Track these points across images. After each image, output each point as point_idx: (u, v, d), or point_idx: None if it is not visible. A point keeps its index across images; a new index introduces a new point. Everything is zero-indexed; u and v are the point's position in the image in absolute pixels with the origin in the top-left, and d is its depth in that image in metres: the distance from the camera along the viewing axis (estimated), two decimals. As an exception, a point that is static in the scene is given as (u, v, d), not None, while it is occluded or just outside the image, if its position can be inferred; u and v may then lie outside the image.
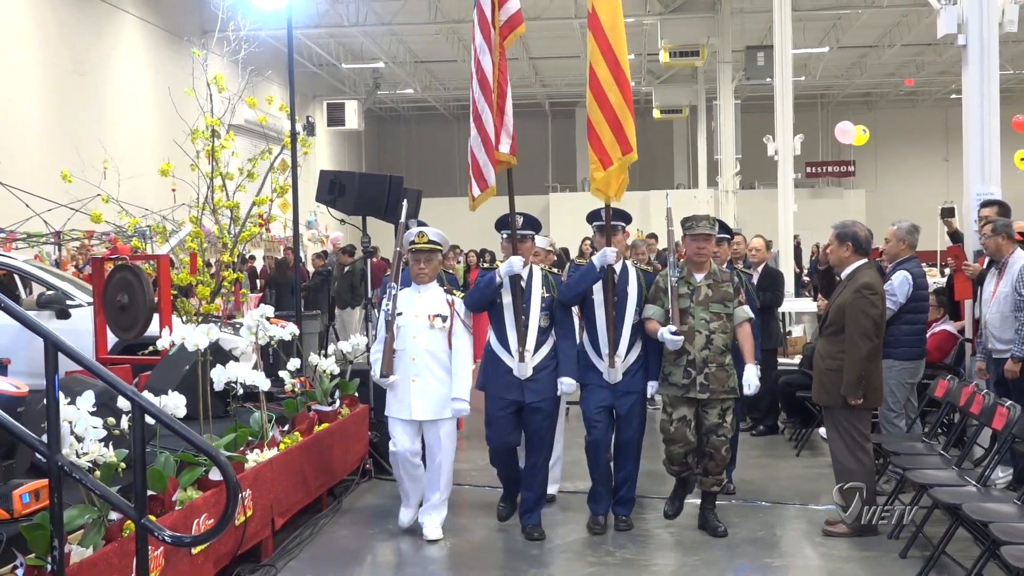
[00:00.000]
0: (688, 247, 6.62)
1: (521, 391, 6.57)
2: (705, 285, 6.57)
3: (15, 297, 10.20)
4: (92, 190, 9.90)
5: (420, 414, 6.50)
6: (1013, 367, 7.00)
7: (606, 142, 6.78)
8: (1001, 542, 4.82)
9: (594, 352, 6.71)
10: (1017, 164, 24.30)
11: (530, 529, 6.61)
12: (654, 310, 6.62)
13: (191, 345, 6.07)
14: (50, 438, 4.09)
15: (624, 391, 6.66)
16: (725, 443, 6.55)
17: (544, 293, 6.66)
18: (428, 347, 6.50)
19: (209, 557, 5.36)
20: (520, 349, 6.53)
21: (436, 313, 6.53)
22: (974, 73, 8.51)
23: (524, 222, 6.80)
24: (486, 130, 6.89)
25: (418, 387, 6.48)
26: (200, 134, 9.07)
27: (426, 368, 6.49)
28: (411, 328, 6.51)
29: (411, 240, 6.57)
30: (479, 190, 6.96)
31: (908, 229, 7.85)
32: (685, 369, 6.49)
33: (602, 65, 6.77)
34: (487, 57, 6.85)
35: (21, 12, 17.30)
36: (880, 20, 27.69)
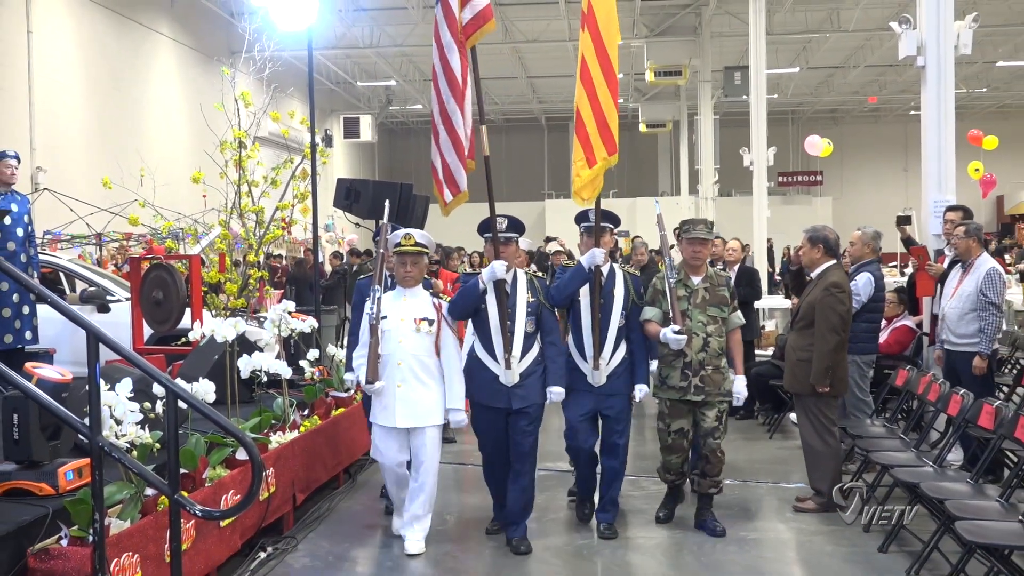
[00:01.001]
0: (685, 251, 6.17)
1: (508, 398, 5.77)
2: (702, 288, 6.09)
3: (60, 293, 10.18)
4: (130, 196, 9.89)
5: (405, 421, 5.67)
6: (981, 363, 6.98)
7: (593, 140, 6.12)
8: (955, 518, 4.82)
9: (579, 354, 6.04)
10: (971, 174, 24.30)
11: (516, 543, 5.81)
12: (653, 312, 6.06)
13: (220, 337, 6.07)
14: (92, 421, 4.09)
15: (608, 393, 6.02)
16: (721, 445, 6.04)
17: (530, 297, 5.85)
18: (414, 352, 5.67)
19: (236, 529, 5.36)
20: (506, 356, 5.74)
21: (423, 317, 5.71)
22: (932, 92, 8.51)
23: (507, 225, 5.96)
24: (456, 132, 6.09)
25: (403, 393, 5.65)
26: (228, 145, 9.07)
27: (412, 374, 5.66)
28: (396, 332, 5.67)
29: (396, 243, 5.77)
30: (451, 195, 6.21)
31: (873, 235, 7.89)
32: (682, 371, 5.99)
33: (595, 62, 6.10)
34: (455, 56, 6.05)
35: (67, 35, 17.30)
36: (846, 43, 27.72)
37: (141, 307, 8.53)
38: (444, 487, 7.34)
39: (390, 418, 5.69)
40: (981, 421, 5.83)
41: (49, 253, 11.39)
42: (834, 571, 5.51)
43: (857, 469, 6.96)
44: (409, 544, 5.73)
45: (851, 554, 5.74)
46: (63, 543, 4.08)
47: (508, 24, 24.69)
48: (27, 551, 4.07)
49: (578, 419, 6.05)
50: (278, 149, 16.35)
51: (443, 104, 6.09)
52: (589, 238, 6.14)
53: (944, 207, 8.20)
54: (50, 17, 16.80)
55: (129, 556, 4.20)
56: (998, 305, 7.05)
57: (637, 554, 5.81)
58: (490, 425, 5.89)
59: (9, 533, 4.08)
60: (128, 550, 4.20)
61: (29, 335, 7.87)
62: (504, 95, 34.22)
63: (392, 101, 34.56)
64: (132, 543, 4.25)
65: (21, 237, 7.85)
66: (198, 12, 22.25)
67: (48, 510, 4.28)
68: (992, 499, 5.18)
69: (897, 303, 8.91)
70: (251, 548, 5.66)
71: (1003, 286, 7.23)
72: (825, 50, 27.91)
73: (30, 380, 4.40)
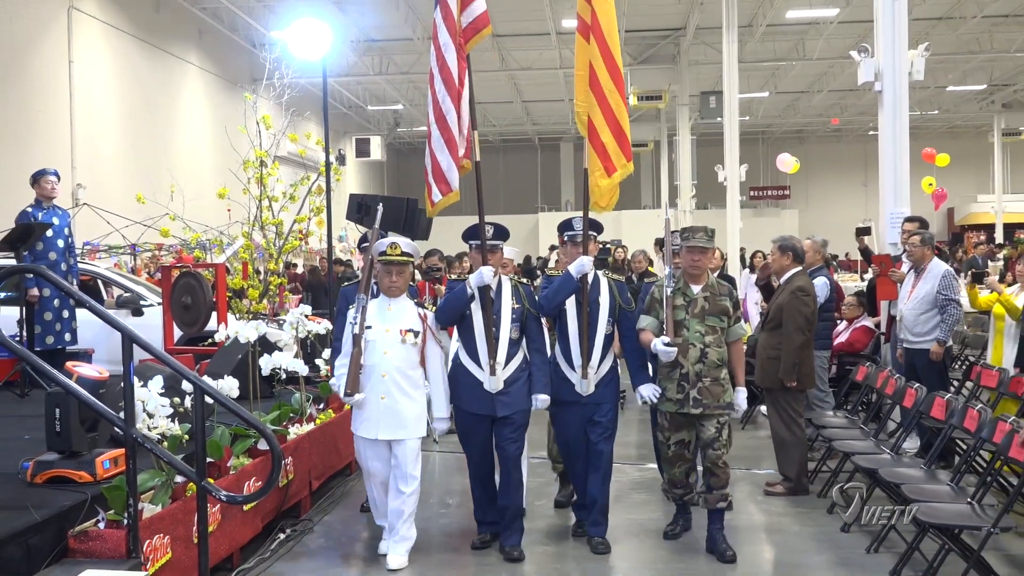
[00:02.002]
0: (684, 259, 5.43)
1: (492, 405, 5.24)
2: (702, 297, 5.38)
3: (98, 298, 10.17)
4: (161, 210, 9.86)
5: (388, 434, 5.10)
6: (938, 349, 7.01)
7: (610, 149, 5.59)
8: (910, 500, 4.83)
9: (567, 364, 5.42)
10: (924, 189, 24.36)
11: (509, 550, 5.29)
12: (649, 321, 5.43)
13: (243, 338, 6.07)
14: (127, 415, 4.10)
15: (596, 402, 5.40)
16: (723, 456, 5.31)
17: (514, 304, 5.32)
18: (398, 363, 5.09)
19: (258, 513, 5.36)
20: (491, 362, 5.22)
21: (408, 328, 5.12)
22: (888, 114, 8.53)
23: (493, 232, 5.42)
24: (451, 131, 5.56)
25: (387, 405, 5.08)
26: (251, 164, 9.07)
27: (396, 386, 5.09)
28: (381, 343, 5.08)
29: (382, 251, 5.16)
30: (440, 194, 5.64)
31: (821, 243, 7.98)
32: (678, 383, 5.33)
33: (603, 70, 5.56)
34: (452, 55, 5.56)
35: (105, 64, 17.32)
36: (810, 70, 27.77)
37: (171, 311, 8.52)
38: (448, 471, 7.37)
39: (373, 430, 5.13)
40: (934, 412, 5.85)
41: (87, 262, 11.37)
42: (802, 549, 5.50)
43: (821, 457, 6.97)
44: (392, 559, 5.13)
45: (817, 533, 5.74)
46: (100, 526, 4.07)
47: (504, 53, 24.74)
48: (68, 533, 4.06)
49: (571, 435, 5.49)
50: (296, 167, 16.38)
51: (438, 104, 5.60)
52: (574, 247, 5.56)
53: (901, 218, 8.22)
54: (89, 48, 16.81)
55: (160, 537, 4.20)
56: (958, 301, 7.07)
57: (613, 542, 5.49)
58: (475, 431, 5.36)
59: (51, 516, 4.07)
60: (159, 532, 4.20)
61: (69, 337, 7.88)
62: (501, 118, 34.25)
63: (399, 123, 34.58)
64: (163, 526, 4.24)
65: (62, 248, 7.86)
66: (223, 43, 22.26)
67: (87, 496, 4.28)
68: (944, 483, 5.19)
69: (856, 305, 8.95)
70: (271, 530, 5.64)
71: (958, 284, 7.27)
72: (792, 76, 27.96)
73: (71, 378, 4.39)
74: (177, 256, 12.66)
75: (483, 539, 5.49)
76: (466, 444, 5.48)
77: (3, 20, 14.46)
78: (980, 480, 5.05)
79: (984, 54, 25.39)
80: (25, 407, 6.88)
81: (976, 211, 35.35)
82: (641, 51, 24.61)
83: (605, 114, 5.58)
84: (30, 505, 4.11)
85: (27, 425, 5.92)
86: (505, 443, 5.30)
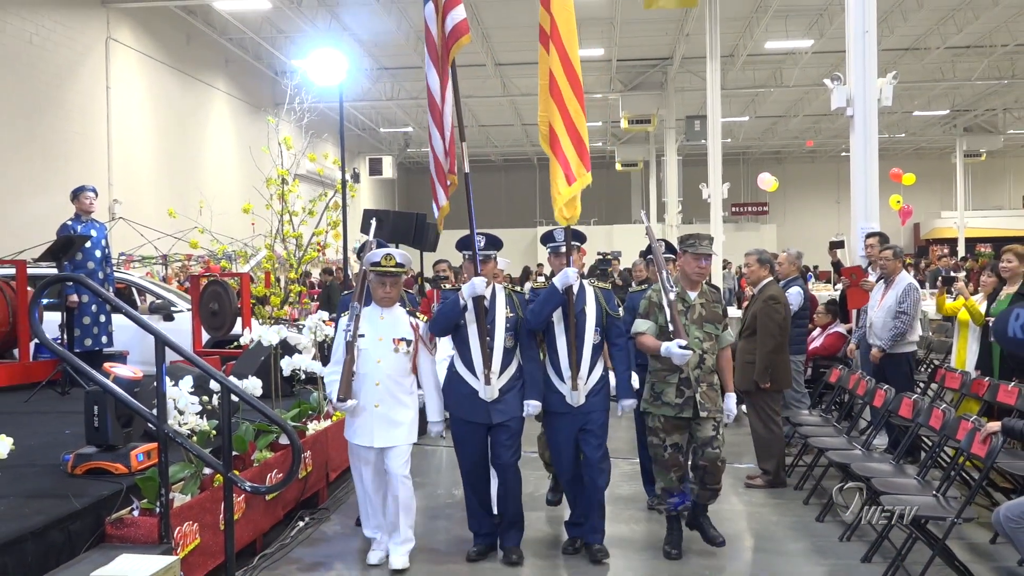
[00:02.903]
0: (689, 265, 5.12)
1: (487, 413, 4.91)
2: (699, 304, 5.11)
3: (132, 304, 10.18)
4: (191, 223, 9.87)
5: (384, 441, 4.82)
6: (876, 354, 7.07)
7: (571, 158, 5.10)
8: (880, 492, 4.82)
9: (556, 375, 5.02)
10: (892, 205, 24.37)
11: (509, 551, 5.00)
12: (647, 325, 5.05)
13: (266, 341, 6.07)
14: (159, 411, 4.10)
15: (587, 411, 4.99)
16: (720, 455, 5.01)
17: (508, 313, 5.00)
18: (391, 372, 4.82)
19: (279, 502, 5.36)
20: (486, 371, 4.89)
21: (401, 337, 4.87)
22: (859, 137, 8.56)
23: (485, 242, 5.10)
24: (435, 151, 5.31)
25: (381, 413, 4.81)
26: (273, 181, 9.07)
27: (389, 394, 4.82)
28: (374, 352, 4.81)
29: (375, 261, 4.85)
30: (436, 209, 5.49)
31: (796, 255, 7.99)
32: (678, 388, 5.00)
33: (563, 78, 5.08)
34: (433, 75, 5.26)
35: (140, 90, 17.36)
36: (787, 96, 27.82)
37: (200, 316, 8.53)
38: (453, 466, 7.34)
39: (367, 437, 4.84)
40: (902, 411, 5.85)
41: (123, 271, 11.38)
42: (779, 537, 5.50)
43: (798, 452, 6.96)
44: (394, 560, 4.86)
45: (793, 523, 5.74)
46: (135, 513, 4.09)
47: (506, 80, 24.80)
48: (105, 520, 4.07)
49: (562, 444, 5.08)
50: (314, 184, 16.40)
51: (430, 126, 5.34)
52: (557, 258, 5.20)
53: (865, 232, 8.24)
54: (126, 75, 16.86)
55: (190, 524, 4.20)
56: (909, 315, 7.06)
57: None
58: (470, 440, 5.00)
59: (90, 505, 4.08)
60: (189, 519, 4.20)
61: (106, 339, 7.88)
62: (502, 139, 34.28)
63: (409, 144, 34.59)
64: (192, 514, 4.25)
65: (99, 258, 7.87)
66: (248, 71, 22.32)
67: (122, 486, 4.29)
68: (911, 477, 5.18)
69: (825, 314, 8.99)
70: (291, 518, 5.65)
71: (918, 299, 7.26)
72: (770, 102, 28.01)
73: (108, 378, 4.40)
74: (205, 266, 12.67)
75: (479, 550, 5.08)
76: (461, 453, 5.10)
77: (47, 50, 14.51)
78: (944, 474, 5.05)
79: (947, 82, 25.45)
80: (66, 404, 6.89)
81: (940, 226, 35.34)
82: (631, 78, 24.67)
83: (565, 123, 5.11)
84: (70, 494, 4.13)
85: (68, 421, 5.93)
86: (501, 450, 4.96)
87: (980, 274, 7.67)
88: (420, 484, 6.16)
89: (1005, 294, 6.63)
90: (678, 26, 20.69)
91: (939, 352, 9.55)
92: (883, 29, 18.33)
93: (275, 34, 20.75)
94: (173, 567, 3.59)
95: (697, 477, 5.09)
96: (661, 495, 5.11)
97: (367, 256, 4.97)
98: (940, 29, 21.22)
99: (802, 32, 20.92)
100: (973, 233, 32.33)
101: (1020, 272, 6.61)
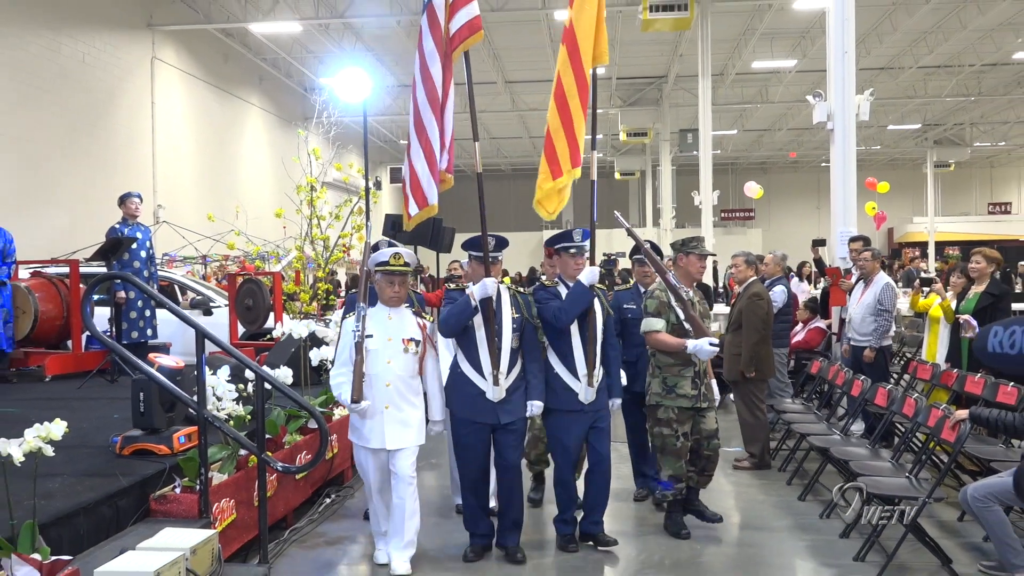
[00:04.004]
0: (693, 265, 5.00)
1: (495, 413, 4.50)
2: (697, 300, 5.00)
3: (174, 300, 10.21)
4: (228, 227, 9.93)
5: (396, 443, 4.36)
6: (870, 354, 6.98)
7: (560, 151, 4.71)
8: (857, 474, 4.80)
9: (570, 374, 4.65)
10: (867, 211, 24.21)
11: (512, 550, 4.61)
12: (661, 323, 4.86)
13: (296, 334, 6.07)
14: (199, 398, 4.11)
15: (596, 409, 4.72)
16: (720, 446, 5.03)
17: (514, 313, 4.60)
18: (401, 373, 4.37)
19: (308, 481, 5.37)
20: (494, 372, 4.48)
21: (410, 337, 4.41)
22: (838, 149, 8.51)
23: (495, 244, 4.68)
24: (430, 144, 4.64)
25: (391, 415, 4.35)
26: (303, 188, 9.10)
27: (399, 395, 4.37)
28: (384, 352, 4.34)
29: (384, 261, 4.40)
30: (417, 207, 4.70)
31: (781, 256, 8.02)
32: (693, 380, 4.87)
33: (569, 75, 4.69)
34: (436, 66, 4.63)
35: (182, 105, 17.42)
36: (772, 112, 27.73)
37: (236, 311, 8.55)
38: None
39: (378, 440, 4.36)
40: (877, 400, 5.82)
41: (166, 270, 11.43)
42: (764, 515, 5.48)
43: (781, 437, 6.94)
44: (396, 565, 4.40)
45: (778, 502, 5.72)
46: (177, 491, 4.09)
47: (515, 96, 24.78)
48: (150, 496, 4.09)
49: (572, 443, 4.72)
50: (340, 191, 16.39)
51: (419, 114, 4.66)
52: (573, 258, 4.72)
53: (848, 237, 8.21)
54: (169, 91, 16.91)
55: (227, 501, 4.21)
56: (890, 311, 7.04)
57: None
58: (476, 440, 4.56)
59: (136, 483, 4.10)
60: (226, 496, 4.21)
61: (150, 332, 7.91)
62: (512, 151, 34.26)
63: (426, 155, 34.63)
64: (229, 491, 4.26)
65: (144, 258, 7.90)
66: (280, 88, 22.36)
67: (165, 466, 4.30)
68: (886, 460, 5.16)
69: (806, 310, 8.97)
70: (319, 495, 5.65)
71: (895, 297, 7.24)
72: (757, 117, 27.92)
73: (152, 367, 4.41)
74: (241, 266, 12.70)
75: (476, 551, 4.67)
76: (464, 454, 4.64)
77: (98, 69, 14.56)
78: (916, 458, 5.02)
79: (919, 99, 25.34)
80: (114, 391, 6.91)
81: (912, 231, 35.17)
82: (630, 95, 24.65)
83: (562, 118, 4.70)
84: (119, 473, 4.15)
85: (116, 406, 5.94)
86: (507, 451, 4.56)
87: (950, 274, 7.62)
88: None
89: (973, 293, 6.59)
90: (673, 47, 20.65)
91: (911, 346, 9.53)
92: (861, 50, 18.23)
93: (305, 54, 20.78)
94: (212, 540, 3.60)
95: (699, 466, 5.01)
96: (669, 485, 4.92)
97: (374, 256, 4.47)
98: (913, 50, 21.14)
99: (786, 53, 20.85)
100: (942, 237, 32.18)
101: (988, 272, 6.57)
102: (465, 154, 34.67)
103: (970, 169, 37.45)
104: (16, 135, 12.56)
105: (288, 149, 18.56)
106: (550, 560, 4.70)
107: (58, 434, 3.17)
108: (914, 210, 36.35)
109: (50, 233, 12.36)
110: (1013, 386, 5.29)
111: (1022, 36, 19.91)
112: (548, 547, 4.87)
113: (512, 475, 4.63)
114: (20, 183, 12.54)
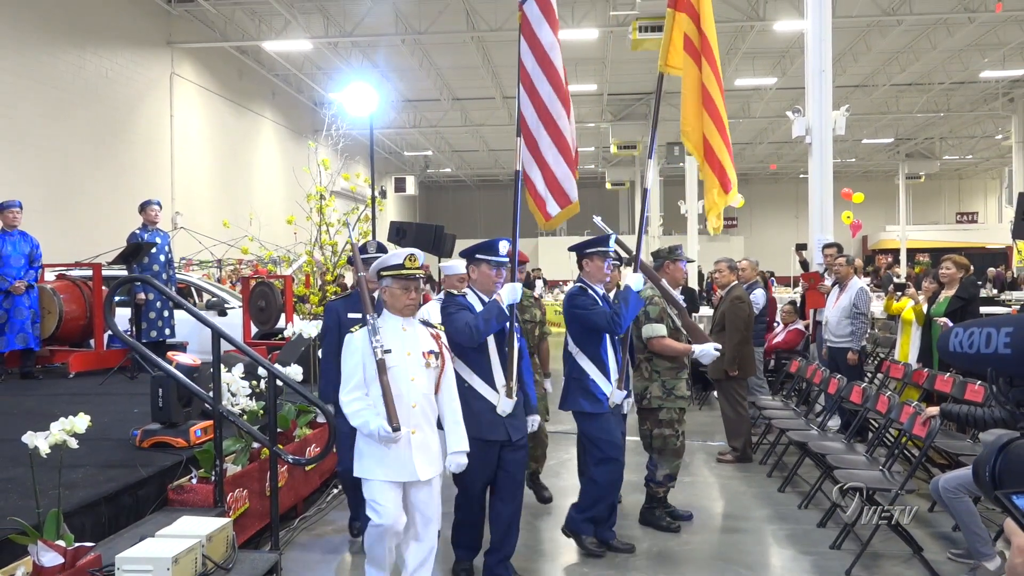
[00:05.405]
0: (678, 272, 5.00)
1: (506, 429, 3.90)
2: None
3: (191, 302, 10.19)
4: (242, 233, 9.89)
5: (427, 473, 3.43)
6: (853, 357, 6.95)
7: (727, 167, 4.49)
8: (833, 467, 4.81)
9: (604, 378, 4.37)
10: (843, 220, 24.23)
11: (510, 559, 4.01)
12: (664, 329, 4.79)
13: (306, 334, 6.06)
14: (215, 393, 4.10)
15: (620, 410, 4.49)
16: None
17: (517, 323, 4.10)
18: (425, 391, 3.47)
19: (317, 472, 5.36)
20: (508, 384, 3.90)
21: (429, 350, 3.51)
22: (816, 161, 8.53)
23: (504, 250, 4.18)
24: (564, 137, 4.05)
25: (419, 440, 3.41)
26: (312, 197, 9.09)
27: (424, 417, 3.46)
28: (406, 369, 3.41)
29: (398, 264, 3.47)
30: (558, 207, 4.17)
31: (755, 263, 8.07)
32: (686, 382, 4.89)
33: (716, 91, 4.46)
34: (558, 55, 4.00)
35: (199, 118, 17.38)
36: (753, 126, 27.75)
37: (249, 312, 8.53)
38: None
39: (408, 471, 3.39)
40: (853, 398, 5.82)
41: (183, 273, 11.40)
42: (745, 505, 5.48)
43: (762, 432, 6.94)
44: None
45: (758, 493, 5.72)
46: (193, 481, 4.09)
47: (512, 112, 24.73)
48: (168, 486, 4.08)
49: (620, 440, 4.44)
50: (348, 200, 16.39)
51: (543, 107, 4.02)
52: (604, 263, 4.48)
53: (824, 243, 8.23)
54: (187, 105, 16.89)
55: (240, 491, 4.20)
56: (866, 314, 7.05)
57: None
58: (485, 460, 3.87)
59: (155, 473, 4.10)
60: (240, 487, 4.21)
61: (168, 332, 7.89)
62: (509, 163, 34.19)
63: (429, 166, 34.60)
64: (243, 482, 4.25)
65: (163, 261, 7.89)
66: (292, 102, 22.34)
67: (182, 457, 4.30)
68: (860, 454, 5.17)
69: (791, 312, 8.96)
70: (327, 485, 5.64)
71: (870, 300, 7.25)
72: (739, 131, 27.88)
73: (170, 364, 4.40)
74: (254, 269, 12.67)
75: (467, 568, 4.11)
76: (472, 477, 3.84)
77: (118, 84, 14.54)
78: (889, 452, 5.02)
79: (892, 115, 25.40)
80: (134, 387, 6.90)
81: (885, 238, 35.25)
82: (620, 110, 24.66)
83: (721, 134, 4.47)
84: (138, 464, 4.14)
85: (136, 401, 5.93)
86: (515, 469, 3.97)
87: (921, 279, 7.63)
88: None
89: (944, 296, 6.60)
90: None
91: (884, 347, 9.52)
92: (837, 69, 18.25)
93: (315, 71, 20.77)
94: (226, 527, 3.59)
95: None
96: (662, 481, 4.89)
97: (382, 259, 3.56)
98: (886, 69, 21.20)
99: (767, 71, 20.89)
100: (913, 244, 32.28)
101: (957, 278, 6.59)
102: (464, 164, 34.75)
103: (939, 181, 37.53)
104: (44, 146, 12.55)
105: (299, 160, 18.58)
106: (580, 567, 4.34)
107: (82, 427, 3.16)
108: (887, 219, 36.45)
109: (74, 238, 12.32)
110: (980, 384, 5.30)
111: (988, 56, 19.99)
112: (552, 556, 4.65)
113: (519, 493, 4.02)
114: (47, 191, 12.52)
